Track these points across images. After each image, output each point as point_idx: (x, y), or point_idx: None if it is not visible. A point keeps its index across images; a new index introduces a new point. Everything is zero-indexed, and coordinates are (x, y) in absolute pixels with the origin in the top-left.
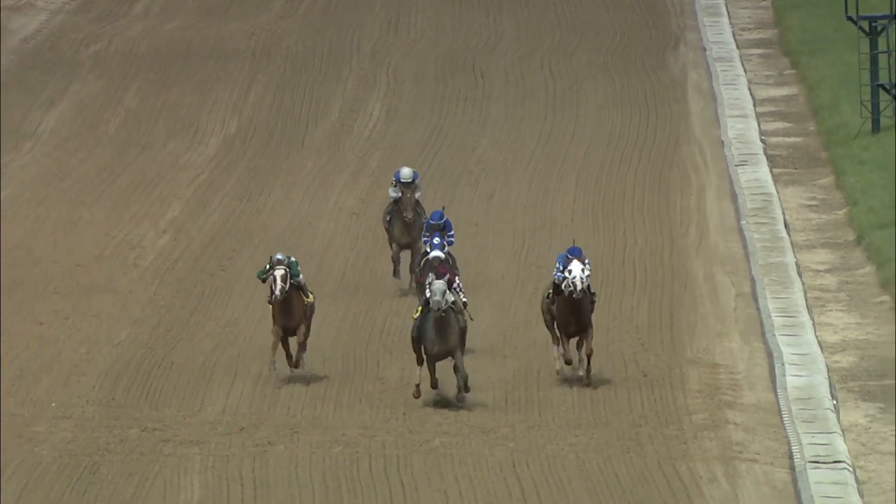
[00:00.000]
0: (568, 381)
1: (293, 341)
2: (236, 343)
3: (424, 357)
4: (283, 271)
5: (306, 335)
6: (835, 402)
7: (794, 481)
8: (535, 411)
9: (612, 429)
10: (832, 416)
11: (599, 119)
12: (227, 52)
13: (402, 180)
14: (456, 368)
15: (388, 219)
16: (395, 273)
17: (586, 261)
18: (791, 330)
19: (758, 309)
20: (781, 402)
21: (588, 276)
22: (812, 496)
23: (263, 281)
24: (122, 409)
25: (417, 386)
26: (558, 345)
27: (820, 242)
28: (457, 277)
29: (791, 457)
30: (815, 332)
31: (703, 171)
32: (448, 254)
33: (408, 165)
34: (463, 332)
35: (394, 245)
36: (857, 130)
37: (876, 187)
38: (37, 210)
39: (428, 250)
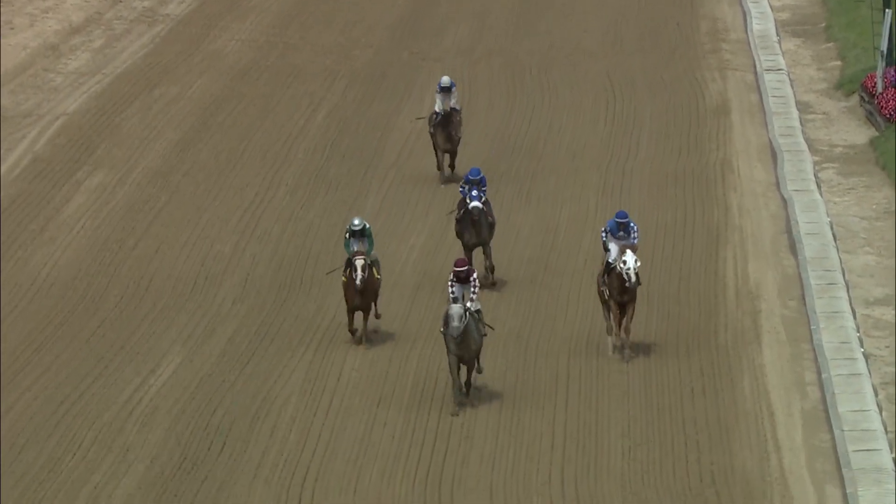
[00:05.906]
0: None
1: (360, 317)
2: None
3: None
4: (362, 261)
5: (376, 312)
6: (779, 37)
7: (756, 81)
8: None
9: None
10: (777, 45)
11: None
12: None
13: (441, 86)
14: (476, 369)
15: (431, 130)
16: (440, 168)
17: (633, 226)
18: None
19: None
20: (750, 39)
21: (637, 263)
22: (767, 88)
23: (348, 257)
24: (401, 42)
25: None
26: (611, 334)
27: None
28: (474, 274)
29: (755, 66)
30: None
31: None
32: (486, 202)
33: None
34: (481, 340)
35: (438, 152)
36: None
37: None
38: None
39: (467, 201)
